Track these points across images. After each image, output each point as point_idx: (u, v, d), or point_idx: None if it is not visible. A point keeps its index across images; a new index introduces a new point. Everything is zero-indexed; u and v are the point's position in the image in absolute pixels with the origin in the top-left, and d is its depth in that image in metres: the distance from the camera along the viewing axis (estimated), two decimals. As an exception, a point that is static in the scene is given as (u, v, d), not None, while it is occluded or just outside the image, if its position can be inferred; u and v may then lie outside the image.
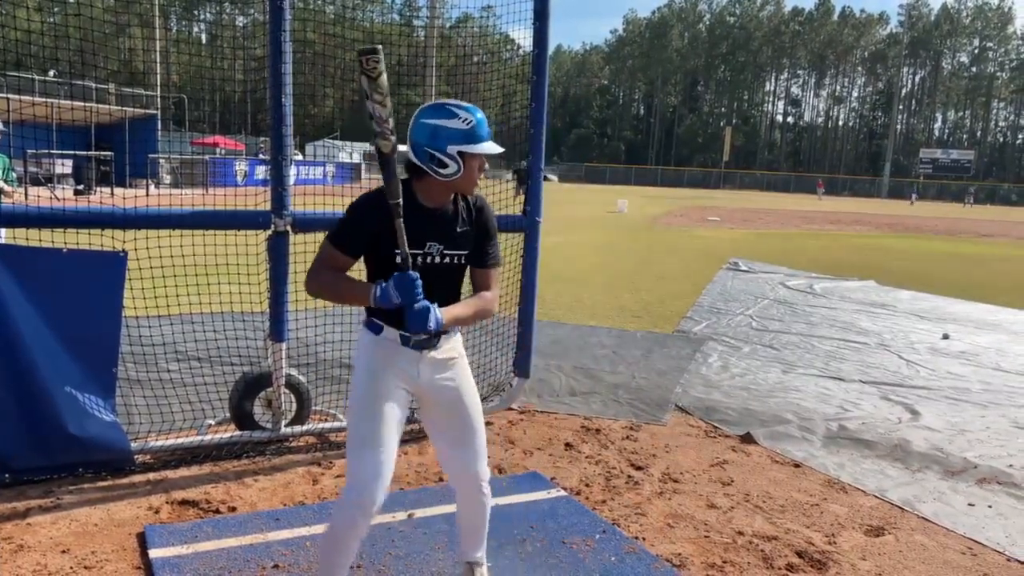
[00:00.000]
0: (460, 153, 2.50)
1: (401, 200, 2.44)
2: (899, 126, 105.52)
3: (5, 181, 6.63)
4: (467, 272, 2.73)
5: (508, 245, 5.29)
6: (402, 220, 2.44)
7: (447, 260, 2.61)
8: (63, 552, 3.31)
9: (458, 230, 2.61)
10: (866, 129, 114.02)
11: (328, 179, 27.94)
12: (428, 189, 2.57)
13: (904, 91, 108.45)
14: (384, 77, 2.45)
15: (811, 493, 4.38)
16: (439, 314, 2.46)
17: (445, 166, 2.50)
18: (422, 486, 4.19)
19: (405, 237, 2.44)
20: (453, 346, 2.75)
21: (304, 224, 4.45)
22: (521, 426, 5.28)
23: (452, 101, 2.57)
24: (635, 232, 22.73)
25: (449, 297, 2.64)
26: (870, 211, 45.06)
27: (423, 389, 2.70)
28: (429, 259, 2.57)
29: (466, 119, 2.51)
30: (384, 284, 2.45)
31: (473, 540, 3.00)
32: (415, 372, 2.65)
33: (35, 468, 3.94)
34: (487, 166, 2.72)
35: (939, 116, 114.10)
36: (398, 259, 2.47)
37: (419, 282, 2.44)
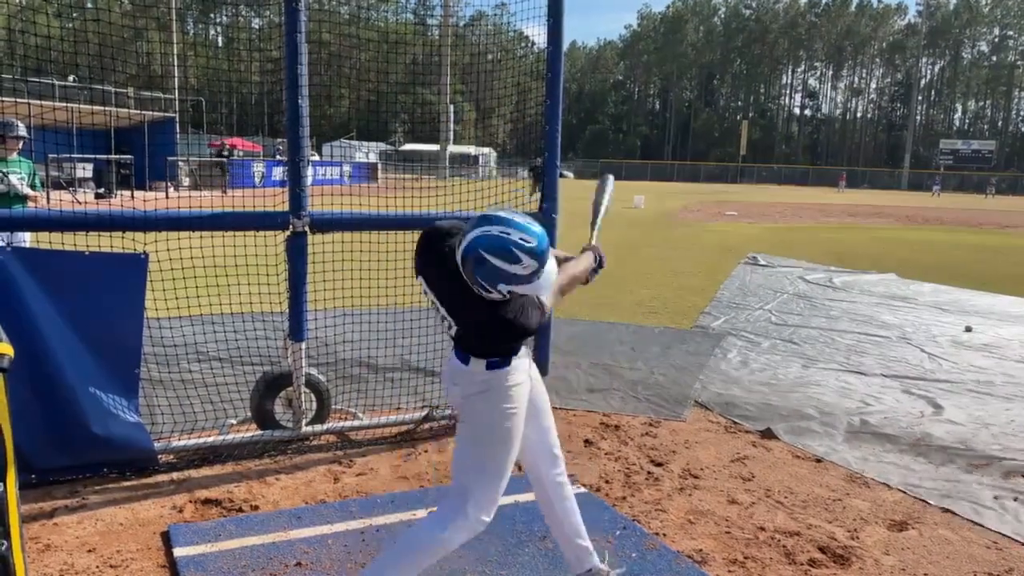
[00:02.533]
0: (511, 292, 2.42)
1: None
2: (919, 117, 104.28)
3: (30, 186, 6.71)
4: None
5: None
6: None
7: None
8: (89, 551, 3.35)
9: None
10: (885, 121, 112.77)
11: (345, 179, 28.05)
12: None
13: (923, 82, 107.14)
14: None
15: (833, 488, 4.35)
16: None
17: (491, 293, 2.43)
18: (442, 484, 4.20)
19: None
20: None
21: (322, 224, 4.47)
22: (540, 423, 5.27)
23: (518, 237, 2.34)
24: (652, 227, 22.63)
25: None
26: (890, 203, 44.60)
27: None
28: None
29: (528, 266, 2.35)
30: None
31: (574, 528, 3.00)
32: (530, 376, 2.73)
33: (60, 468, 3.99)
34: None
35: (959, 106, 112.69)
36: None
37: None
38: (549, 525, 3.04)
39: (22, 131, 6.67)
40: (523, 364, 2.67)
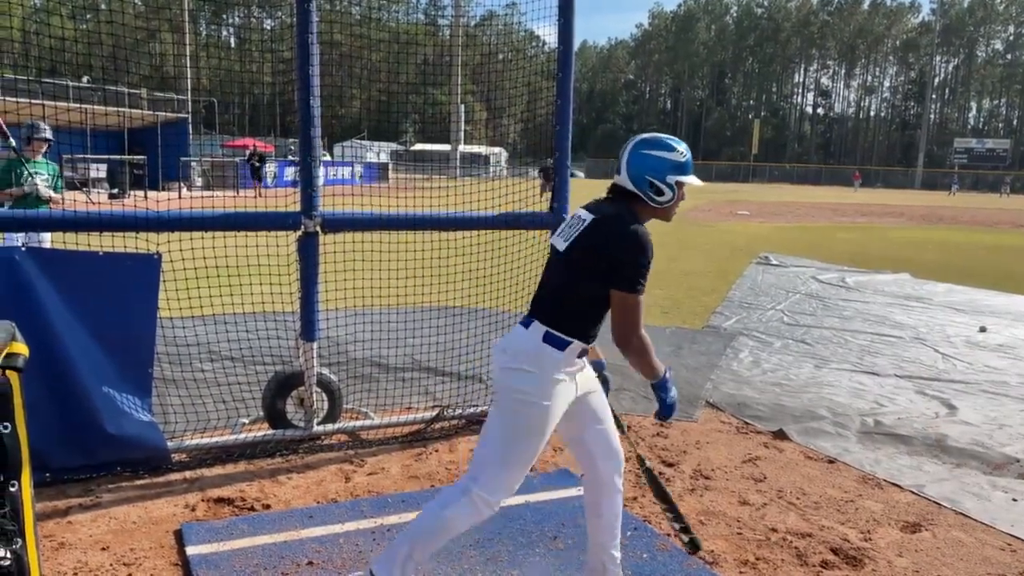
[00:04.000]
0: (676, 182, 2.72)
1: None
2: (932, 116, 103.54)
3: (54, 189, 6.74)
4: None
5: (535, 242, 5.29)
6: None
7: None
8: (103, 550, 3.37)
9: None
10: (898, 119, 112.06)
11: (356, 179, 28.11)
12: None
13: (937, 80, 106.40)
14: None
15: (846, 489, 4.33)
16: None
17: (662, 193, 2.72)
18: (453, 483, 4.20)
19: None
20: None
21: (333, 224, 4.48)
22: (551, 423, 5.27)
23: (665, 136, 2.78)
24: (663, 227, 22.45)
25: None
26: (904, 202, 44.32)
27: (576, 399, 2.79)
28: None
29: (682, 152, 2.74)
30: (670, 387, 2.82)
31: (612, 535, 3.00)
32: (575, 383, 2.75)
33: (74, 467, 4.02)
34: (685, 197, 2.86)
35: (973, 105, 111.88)
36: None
37: None
38: (589, 531, 3.00)
39: (48, 133, 6.71)
40: (572, 367, 2.69)
